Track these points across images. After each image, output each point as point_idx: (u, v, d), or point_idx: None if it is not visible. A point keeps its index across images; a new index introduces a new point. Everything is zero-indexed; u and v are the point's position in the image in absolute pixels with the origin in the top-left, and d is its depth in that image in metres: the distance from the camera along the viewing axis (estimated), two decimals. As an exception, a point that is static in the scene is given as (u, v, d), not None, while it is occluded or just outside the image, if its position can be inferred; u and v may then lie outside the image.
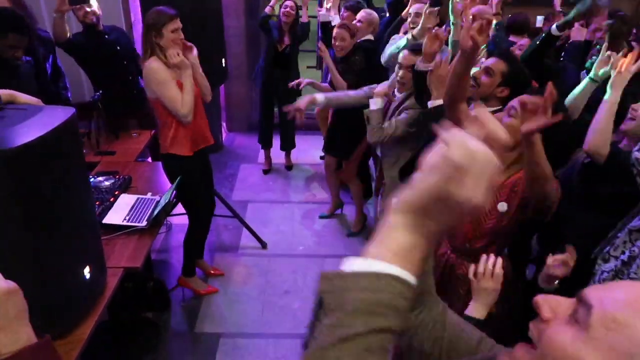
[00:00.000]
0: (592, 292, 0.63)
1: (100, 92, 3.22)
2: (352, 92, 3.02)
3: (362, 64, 3.39)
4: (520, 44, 3.23)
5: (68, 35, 3.17)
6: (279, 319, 2.96)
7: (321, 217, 4.11)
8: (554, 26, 2.69)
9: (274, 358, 2.67)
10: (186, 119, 2.61)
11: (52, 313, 1.65)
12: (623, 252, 1.63)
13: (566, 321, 0.62)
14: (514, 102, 1.71)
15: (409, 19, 3.27)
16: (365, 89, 2.90)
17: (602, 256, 1.72)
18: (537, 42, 2.72)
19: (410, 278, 0.59)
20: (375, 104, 2.66)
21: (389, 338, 0.57)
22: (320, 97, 2.96)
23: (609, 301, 0.60)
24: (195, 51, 2.68)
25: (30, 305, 1.58)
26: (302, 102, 2.86)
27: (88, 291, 1.83)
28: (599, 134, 1.90)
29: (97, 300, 1.90)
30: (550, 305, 0.65)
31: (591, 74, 2.22)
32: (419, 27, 2.88)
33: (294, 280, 3.31)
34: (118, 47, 3.49)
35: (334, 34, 3.38)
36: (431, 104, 2.20)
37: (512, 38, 3.54)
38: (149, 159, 3.94)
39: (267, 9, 4.25)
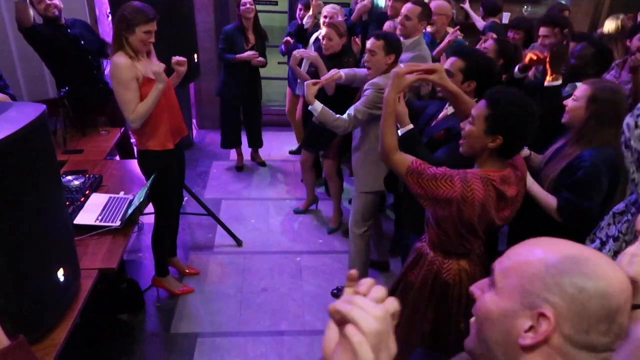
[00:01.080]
0: (496, 261, 0.79)
1: (67, 88, 3.11)
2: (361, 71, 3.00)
3: (353, 65, 3.39)
4: (485, 46, 3.21)
5: (32, 21, 3.03)
6: (257, 317, 2.94)
7: (296, 212, 4.10)
8: (515, 69, 2.80)
9: (253, 356, 2.65)
10: (132, 124, 2.54)
11: (27, 318, 1.59)
12: (606, 234, 1.69)
13: (486, 291, 0.78)
14: (472, 111, 1.75)
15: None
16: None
17: (590, 237, 1.79)
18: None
19: None
20: (316, 109, 2.67)
21: None
22: (343, 72, 2.93)
23: (502, 259, 0.77)
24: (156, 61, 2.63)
25: (4, 310, 1.52)
26: (326, 76, 2.81)
27: (62, 294, 1.77)
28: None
29: (72, 303, 1.84)
30: (478, 286, 0.82)
31: None
32: None
33: (270, 278, 3.29)
34: (82, 42, 3.38)
35: (322, 33, 3.37)
36: (403, 131, 2.18)
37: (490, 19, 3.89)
38: (117, 158, 3.85)
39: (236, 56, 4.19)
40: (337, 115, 2.68)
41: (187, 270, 3.28)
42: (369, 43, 2.69)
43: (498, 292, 0.74)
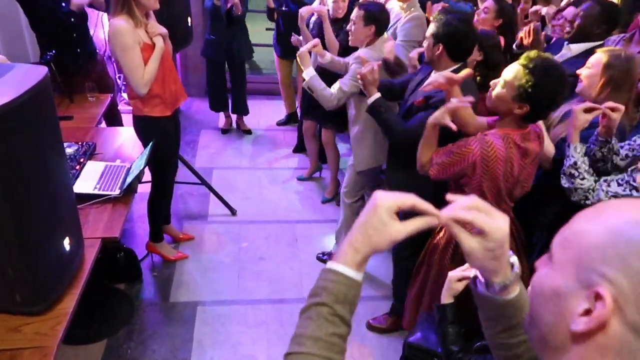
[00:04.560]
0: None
1: (54, 52, 2.97)
2: (343, 60, 2.98)
3: None
4: (486, 6, 3.21)
5: None
6: (256, 285, 2.94)
7: (299, 179, 4.10)
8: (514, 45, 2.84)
9: (254, 324, 2.66)
10: (141, 90, 2.45)
11: (36, 287, 1.55)
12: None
13: (544, 265, 0.65)
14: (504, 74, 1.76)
15: None
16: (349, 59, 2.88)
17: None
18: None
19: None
20: (308, 74, 2.67)
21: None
22: (328, 54, 2.92)
23: (564, 227, 0.63)
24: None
25: (13, 280, 1.48)
26: (310, 43, 2.77)
27: (68, 264, 1.73)
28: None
29: (78, 272, 1.80)
30: (541, 260, 0.67)
31: None
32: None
33: (267, 247, 3.29)
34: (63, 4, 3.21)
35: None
36: (370, 100, 2.23)
37: None
38: (103, 125, 3.73)
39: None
40: (326, 87, 2.67)
41: (181, 236, 3.26)
42: (353, 11, 2.68)
43: (554, 265, 0.61)
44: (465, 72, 1.87)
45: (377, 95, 2.21)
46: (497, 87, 1.73)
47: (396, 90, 2.45)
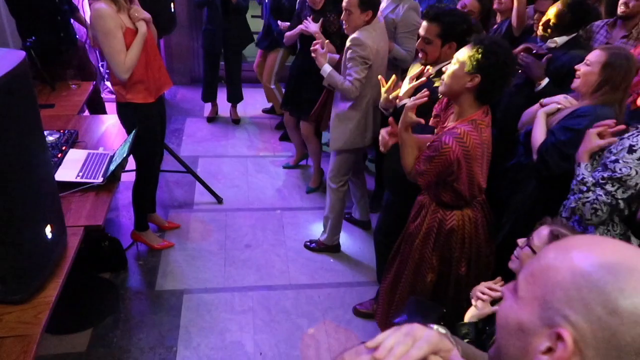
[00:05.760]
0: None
1: (34, 38, 2.92)
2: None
3: (338, 23, 3.27)
4: (465, 2, 3.23)
5: None
6: (242, 272, 2.95)
7: (285, 167, 4.10)
8: None
9: (240, 311, 2.67)
10: (123, 75, 2.41)
11: (17, 276, 1.54)
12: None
13: (509, 296, 0.65)
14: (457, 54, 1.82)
15: None
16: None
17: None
18: None
19: None
20: (325, 71, 2.69)
21: None
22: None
23: (531, 261, 0.64)
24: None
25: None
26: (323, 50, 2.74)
27: (51, 252, 1.72)
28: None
29: (60, 261, 1.79)
30: (509, 287, 0.68)
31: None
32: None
33: (253, 234, 3.29)
34: None
35: None
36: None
37: None
38: (86, 113, 3.68)
39: None
40: (344, 80, 2.66)
41: (166, 225, 3.24)
42: (344, 0, 2.62)
43: (518, 300, 0.62)
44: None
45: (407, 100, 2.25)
46: (450, 66, 1.78)
47: None
